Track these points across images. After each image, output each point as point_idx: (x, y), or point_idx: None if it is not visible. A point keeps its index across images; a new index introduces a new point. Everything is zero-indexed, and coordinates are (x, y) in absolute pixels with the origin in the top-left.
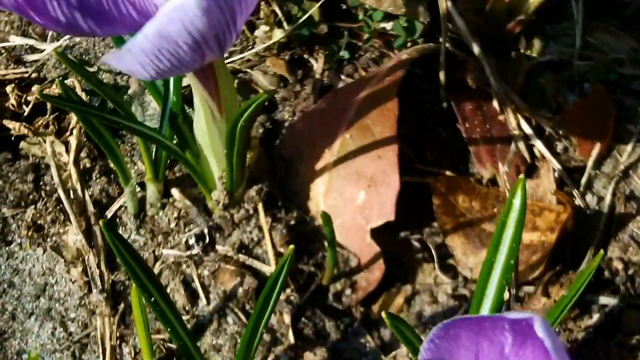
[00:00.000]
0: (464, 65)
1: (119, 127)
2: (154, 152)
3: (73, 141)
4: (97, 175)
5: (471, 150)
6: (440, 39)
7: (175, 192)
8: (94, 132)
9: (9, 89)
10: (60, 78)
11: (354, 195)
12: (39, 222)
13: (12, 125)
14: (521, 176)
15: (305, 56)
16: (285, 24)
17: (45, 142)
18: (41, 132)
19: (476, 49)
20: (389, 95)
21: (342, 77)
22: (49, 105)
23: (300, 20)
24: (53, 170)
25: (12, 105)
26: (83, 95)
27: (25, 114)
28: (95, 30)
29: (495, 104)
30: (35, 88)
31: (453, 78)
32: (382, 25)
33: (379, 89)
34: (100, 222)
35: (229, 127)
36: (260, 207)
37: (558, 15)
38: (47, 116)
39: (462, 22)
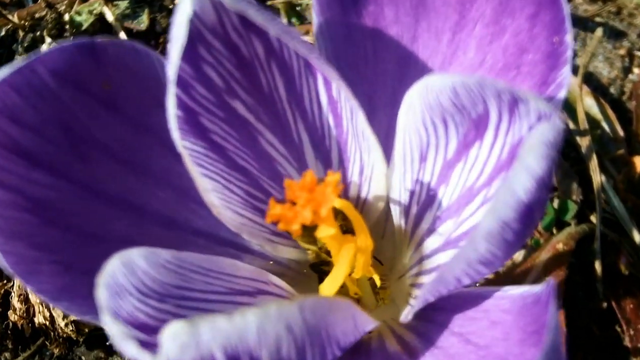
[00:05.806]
0: (616, 246)
1: None
2: None
3: None
4: None
5: None
6: (594, 220)
7: None
8: None
9: None
10: None
11: None
12: None
13: None
14: None
15: None
16: None
17: None
18: None
19: (637, 236)
20: None
21: None
22: None
23: None
24: None
25: None
26: None
27: None
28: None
29: None
30: None
31: (604, 262)
32: None
33: None
34: None
35: None
36: None
37: None
38: None
39: (618, 201)
